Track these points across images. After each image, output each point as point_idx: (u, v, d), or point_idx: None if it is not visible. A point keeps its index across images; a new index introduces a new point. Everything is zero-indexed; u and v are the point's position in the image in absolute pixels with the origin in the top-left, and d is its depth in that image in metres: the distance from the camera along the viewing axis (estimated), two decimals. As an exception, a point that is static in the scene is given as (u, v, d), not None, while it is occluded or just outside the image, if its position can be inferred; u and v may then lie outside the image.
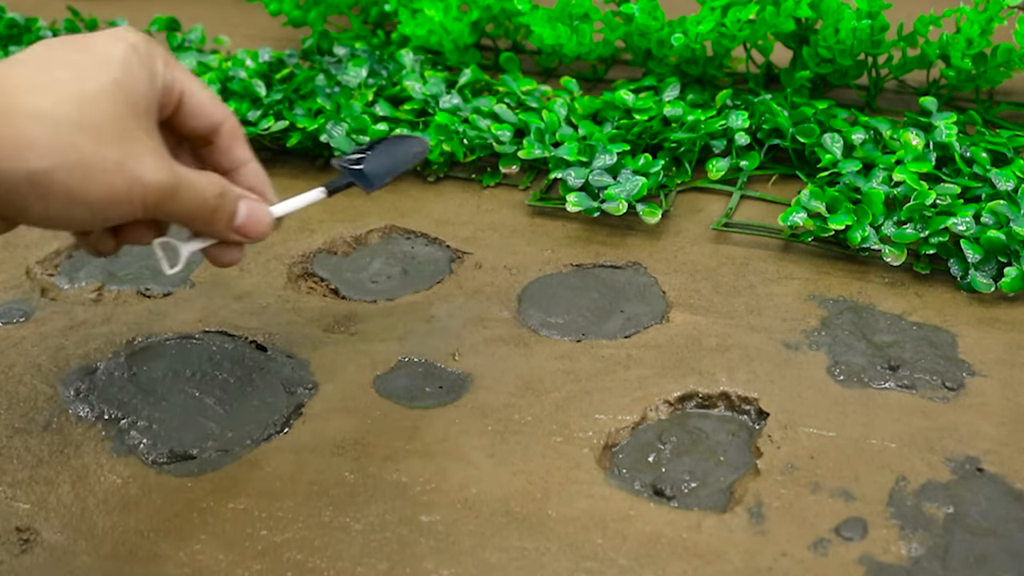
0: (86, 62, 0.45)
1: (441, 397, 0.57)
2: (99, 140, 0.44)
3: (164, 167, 0.46)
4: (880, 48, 0.79)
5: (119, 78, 0.45)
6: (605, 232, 0.70)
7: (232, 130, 0.52)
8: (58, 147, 0.42)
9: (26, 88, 0.43)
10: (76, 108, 0.43)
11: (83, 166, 0.43)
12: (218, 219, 0.49)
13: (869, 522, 0.48)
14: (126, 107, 0.45)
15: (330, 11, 0.96)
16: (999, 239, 0.61)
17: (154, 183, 0.45)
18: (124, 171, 0.44)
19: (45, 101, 0.43)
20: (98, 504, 0.51)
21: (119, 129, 0.44)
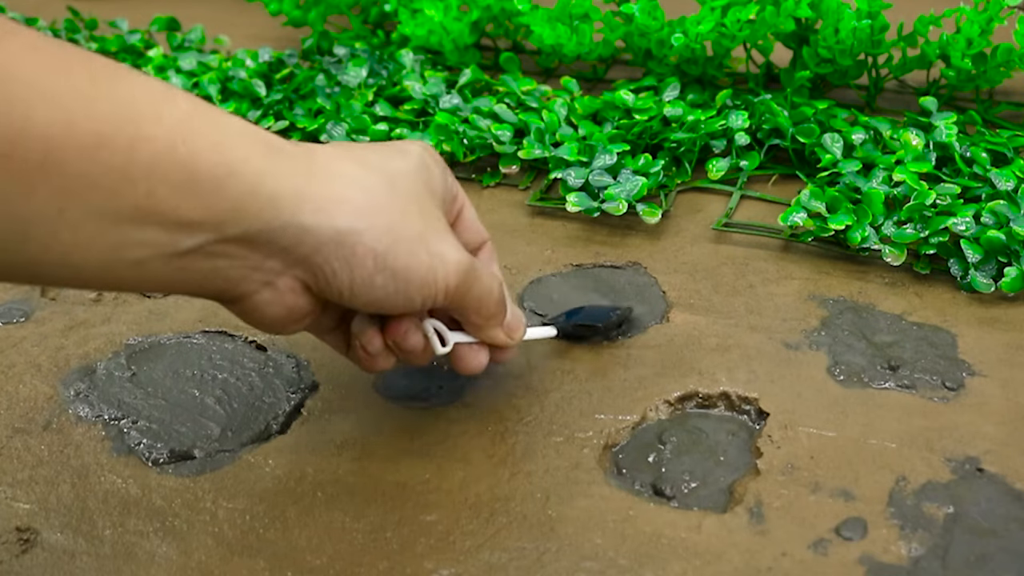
0: (388, 150, 0.47)
1: (441, 397, 0.57)
2: (405, 211, 0.44)
3: (463, 250, 0.46)
4: (880, 48, 0.79)
5: (420, 164, 0.47)
6: (605, 232, 0.70)
7: (491, 250, 0.54)
8: (369, 209, 0.43)
9: (339, 157, 0.44)
10: (386, 179, 0.44)
11: (390, 232, 0.43)
12: (498, 313, 0.50)
13: (869, 522, 0.48)
14: (425, 189, 0.46)
15: (330, 11, 0.96)
16: (999, 239, 0.61)
17: (456, 262, 0.45)
18: (429, 245, 0.44)
19: (358, 170, 0.44)
20: (98, 504, 0.51)
21: (422, 208, 0.45)
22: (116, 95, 0.37)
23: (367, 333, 0.49)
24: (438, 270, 0.45)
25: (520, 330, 0.53)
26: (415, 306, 0.46)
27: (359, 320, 0.49)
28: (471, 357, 0.51)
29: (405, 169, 0.46)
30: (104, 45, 0.93)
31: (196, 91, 0.82)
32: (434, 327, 0.49)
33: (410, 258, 0.44)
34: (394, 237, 0.43)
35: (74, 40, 0.96)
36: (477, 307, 0.48)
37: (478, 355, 0.51)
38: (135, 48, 0.94)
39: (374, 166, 0.45)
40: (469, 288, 0.47)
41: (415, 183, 0.46)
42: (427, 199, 0.46)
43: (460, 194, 0.51)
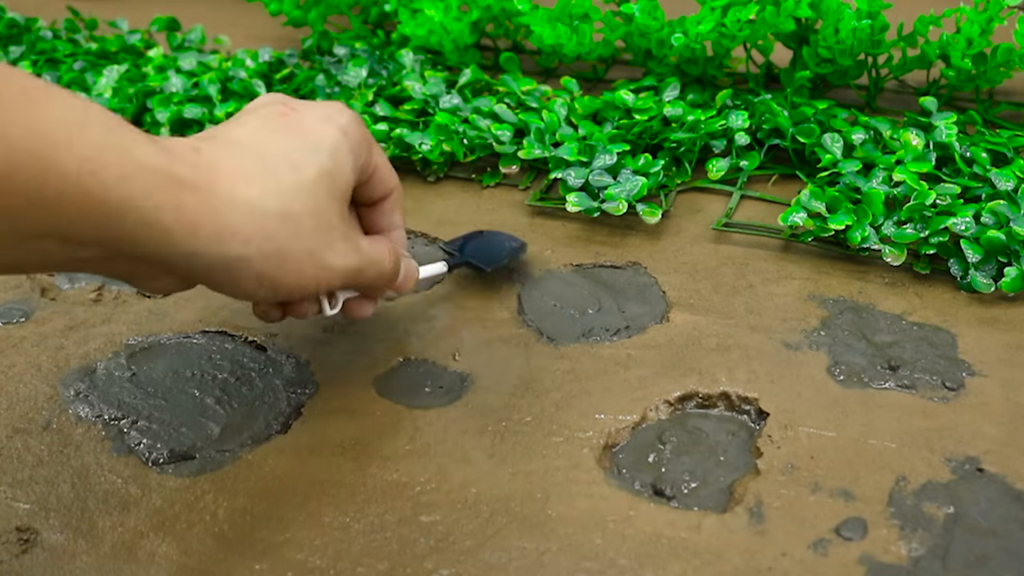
0: (298, 149, 0.48)
1: (441, 397, 0.57)
2: (298, 231, 0.46)
3: (352, 250, 0.50)
4: (880, 48, 0.79)
5: (326, 167, 0.48)
6: (605, 232, 0.70)
7: (398, 197, 0.56)
8: (258, 237, 0.45)
9: (239, 176, 0.45)
10: (281, 200, 0.46)
11: (278, 255, 0.46)
12: (388, 284, 0.54)
13: (869, 522, 0.48)
14: (328, 196, 0.48)
15: (330, 11, 0.96)
16: (999, 239, 0.61)
17: (341, 268, 0.49)
18: (316, 259, 0.47)
19: (254, 192, 0.45)
20: (98, 504, 0.51)
21: (317, 220, 0.47)
22: (30, 121, 0.38)
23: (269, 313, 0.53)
24: (321, 279, 0.48)
25: (410, 283, 0.56)
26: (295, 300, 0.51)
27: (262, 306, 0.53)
28: (358, 308, 0.55)
29: (309, 179, 0.47)
30: (104, 45, 0.93)
31: (196, 91, 0.83)
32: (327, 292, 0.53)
33: (295, 275, 0.47)
34: (281, 259, 0.46)
35: (74, 40, 0.96)
36: (368, 288, 0.53)
37: (365, 307, 0.55)
38: (135, 48, 0.94)
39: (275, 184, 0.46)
40: (356, 281, 0.51)
41: (315, 195, 0.47)
42: (326, 208, 0.48)
43: (373, 156, 0.53)
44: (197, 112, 0.79)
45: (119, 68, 0.87)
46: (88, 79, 0.86)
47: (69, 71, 0.88)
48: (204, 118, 0.79)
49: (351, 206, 0.54)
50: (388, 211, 0.55)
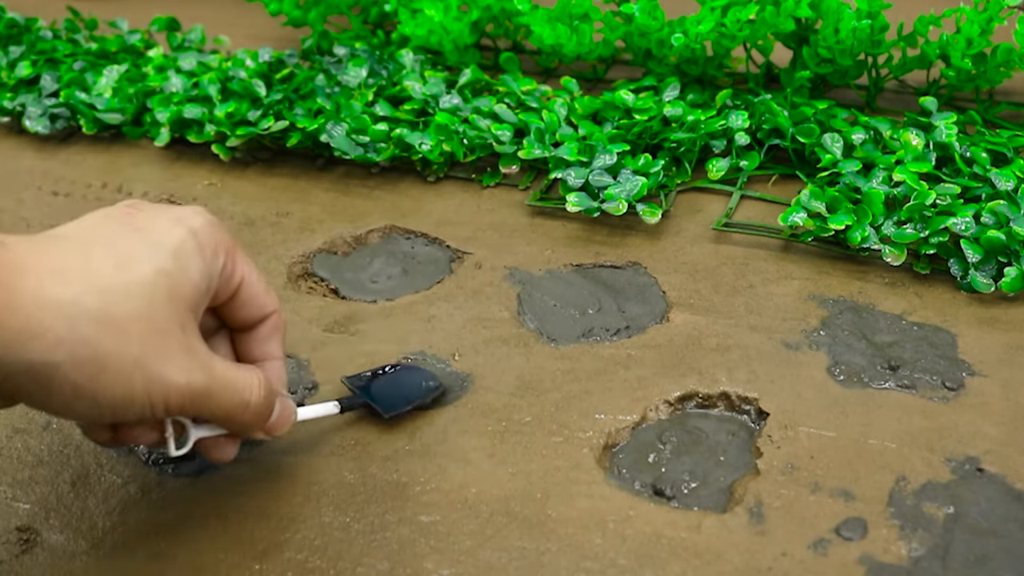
0: (133, 247, 0.43)
1: (441, 397, 0.57)
2: (120, 337, 0.41)
3: (196, 368, 0.43)
4: (880, 48, 0.79)
5: (165, 268, 0.43)
6: (605, 232, 0.70)
7: (276, 324, 0.50)
8: (69, 341, 0.39)
9: (52, 273, 0.40)
10: (102, 300, 0.40)
11: (94, 363, 0.40)
12: (258, 420, 0.47)
13: (869, 522, 0.48)
14: (164, 301, 0.42)
15: (330, 11, 0.96)
16: (999, 239, 0.61)
17: (179, 384, 0.42)
18: (144, 369, 0.41)
19: (68, 291, 0.40)
20: (98, 504, 0.51)
21: (148, 326, 0.41)
22: None
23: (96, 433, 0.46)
24: (154, 395, 0.42)
25: (283, 427, 0.49)
26: (129, 420, 0.43)
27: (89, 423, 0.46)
28: (217, 451, 0.48)
29: (141, 280, 0.42)
30: (104, 45, 0.93)
31: (196, 91, 0.82)
32: (175, 421, 0.46)
33: (119, 387, 0.41)
34: (100, 368, 0.40)
35: (74, 40, 0.96)
36: (225, 419, 0.46)
37: (225, 449, 0.48)
38: (135, 48, 0.94)
39: (96, 284, 0.41)
40: (204, 406, 0.44)
41: (147, 297, 0.42)
42: (160, 314, 0.42)
43: (239, 271, 0.47)
44: (197, 112, 0.79)
45: (119, 68, 0.87)
46: (88, 79, 0.86)
47: (69, 71, 0.88)
48: (204, 118, 0.79)
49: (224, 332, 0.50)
50: (263, 338, 0.49)
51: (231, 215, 0.74)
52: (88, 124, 0.83)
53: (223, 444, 0.48)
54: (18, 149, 0.84)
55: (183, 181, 0.79)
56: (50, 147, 0.84)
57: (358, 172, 0.78)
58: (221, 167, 0.79)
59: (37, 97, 0.86)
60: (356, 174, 0.78)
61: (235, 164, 0.80)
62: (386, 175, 0.78)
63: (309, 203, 0.74)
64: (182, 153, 0.82)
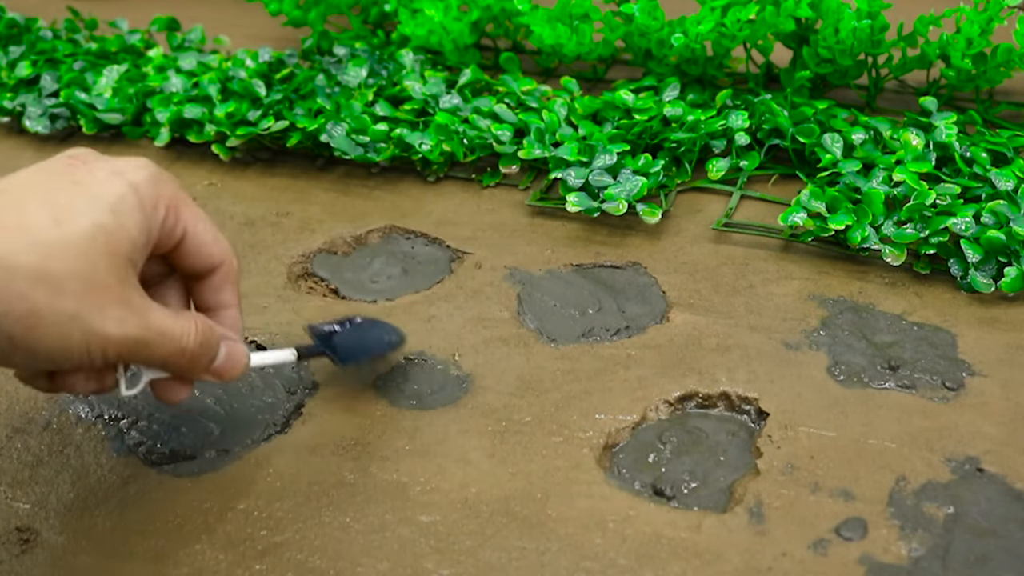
0: (71, 201, 0.43)
1: (441, 397, 0.57)
2: (57, 291, 0.41)
3: (132, 319, 0.43)
4: (880, 48, 0.79)
5: (102, 222, 0.43)
6: (605, 232, 0.70)
7: (228, 273, 0.50)
8: (6, 296, 0.40)
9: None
10: (38, 256, 0.41)
11: (31, 316, 0.41)
12: (196, 364, 0.47)
13: (869, 522, 0.48)
14: (101, 254, 0.43)
15: (330, 11, 0.96)
16: (999, 239, 0.61)
17: (116, 336, 0.43)
18: (81, 323, 0.42)
19: (6, 247, 0.41)
20: (98, 504, 0.51)
21: (85, 280, 0.42)
22: None
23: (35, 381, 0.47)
24: (92, 346, 0.42)
25: (232, 371, 0.49)
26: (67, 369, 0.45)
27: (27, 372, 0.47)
28: (169, 393, 0.49)
29: (78, 233, 0.42)
30: (104, 45, 0.93)
31: (196, 91, 0.82)
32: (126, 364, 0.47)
33: (56, 339, 0.42)
34: (36, 321, 0.41)
35: (74, 40, 0.96)
36: (165, 363, 0.46)
37: (177, 389, 0.49)
38: (135, 48, 0.94)
39: (32, 238, 0.41)
40: (141, 354, 0.44)
41: (84, 251, 0.42)
42: (97, 267, 0.42)
43: (181, 222, 0.47)
44: (197, 112, 0.79)
45: (119, 68, 0.87)
46: (88, 79, 0.86)
47: (69, 71, 0.88)
48: (204, 118, 0.79)
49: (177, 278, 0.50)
50: (216, 287, 0.50)
51: (231, 215, 0.74)
52: (88, 124, 0.83)
53: (175, 386, 0.49)
54: (18, 149, 0.84)
55: (183, 181, 0.78)
56: (50, 147, 0.84)
57: (358, 172, 0.78)
58: (221, 167, 0.79)
59: (37, 97, 0.86)
60: (356, 174, 0.78)
61: (235, 164, 0.80)
62: (386, 175, 0.78)
63: (309, 203, 0.74)
64: (182, 153, 0.82)
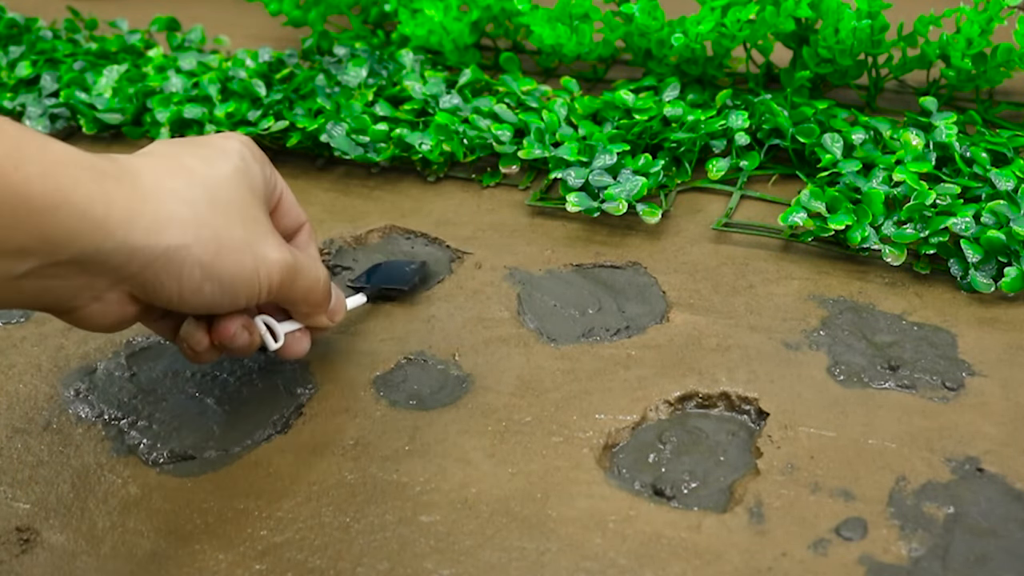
0: (208, 153, 0.48)
1: (441, 397, 0.57)
2: (228, 219, 0.46)
3: (285, 247, 0.49)
4: (880, 48, 0.79)
5: (240, 166, 0.48)
6: (605, 232, 0.70)
7: (310, 231, 0.56)
8: (193, 224, 0.44)
9: (161, 172, 0.45)
10: (207, 190, 0.46)
11: (216, 241, 0.45)
12: (324, 299, 0.53)
13: (869, 522, 0.48)
14: (247, 192, 0.48)
15: (330, 11, 0.96)
16: (999, 239, 0.61)
17: (279, 261, 0.48)
18: (253, 249, 0.47)
19: (179, 183, 0.45)
20: (98, 504, 0.51)
21: (244, 211, 0.47)
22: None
23: (195, 336, 0.50)
24: (261, 271, 0.47)
25: (342, 312, 0.56)
26: (240, 305, 0.48)
27: (188, 323, 0.51)
28: (296, 345, 0.54)
29: (226, 174, 0.47)
30: (104, 45, 0.93)
31: (196, 91, 0.83)
32: (265, 323, 0.52)
33: (236, 265, 0.46)
34: (219, 246, 0.45)
35: (74, 40, 0.96)
36: (304, 298, 0.51)
37: (302, 342, 0.54)
38: (135, 48, 0.94)
39: (197, 177, 0.46)
40: (293, 282, 0.50)
41: (237, 188, 0.47)
42: (249, 202, 0.48)
43: (279, 182, 0.53)
44: (197, 112, 0.79)
45: (119, 68, 0.87)
46: (88, 79, 0.86)
47: (69, 71, 0.88)
48: (204, 118, 0.79)
49: None
50: (303, 244, 0.55)
51: (231, 215, 0.74)
52: (88, 124, 0.83)
53: (300, 338, 0.54)
54: (18, 149, 0.84)
55: (183, 181, 0.78)
56: (50, 147, 0.84)
57: (358, 172, 0.78)
58: (221, 167, 0.79)
59: (37, 97, 0.86)
60: (356, 174, 0.78)
61: (235, 164, 0.80)
62: (386, 175, 0.78)
63: (309, 203, 0.74)
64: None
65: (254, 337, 0.51)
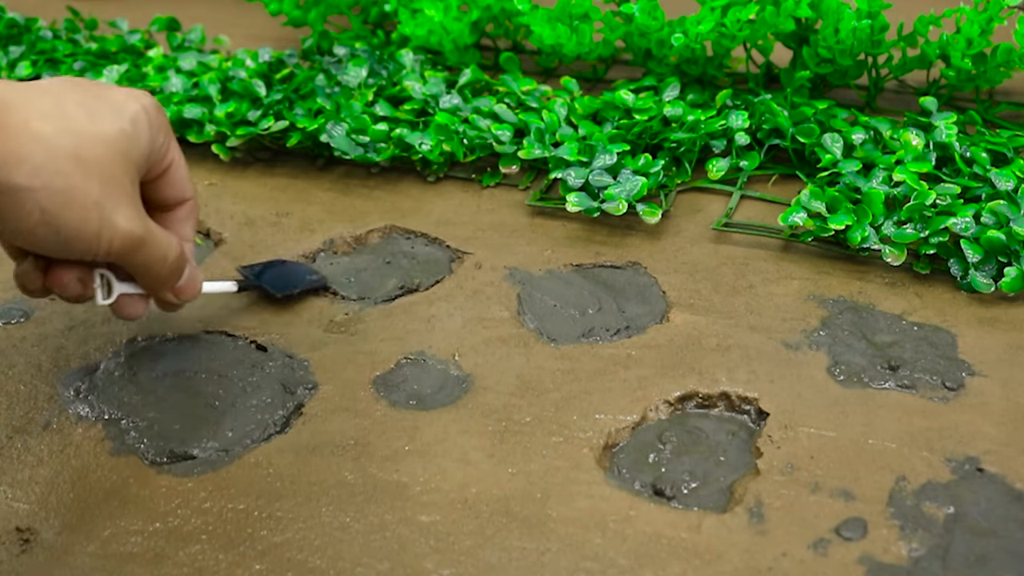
0: (100, 107, 0.49)
1: (441, 397, 0.57)
2: (87, 176, 0.46)
3: (137, 218, 0.49)
4: (880, 48, 0.79)
5: (125, 129, 0.49)
6: (605, 232, 0.70)
7: (192, 208, 0.57)
8: (48, 170, 0.45)
9: (34, 112, 0.46)
10: (74, 142, 0.46)
11: (64, 193, 0.46)
12: (169, 277, 0.53)
13: (869, 522, 0.48)
14: (121, 156, 0.48)
15: (330, 11, 0.96)
16: (999, 239, 0.61)
17: (125, 230, 0.48)
18: (101, 211, 0.47)
19: (48, 127, 0.46)
20: (98, 504, 0.51)
21: (108, 173, 0.47)
22: None
23: (30, 275, 0.52)
24: (104, 234, 0.48)
25: (191, 292, 0.55)
26: (74, 257, 0.49)
27: (28, 262, 0.51)
28: (130, 307, 0.54)
29: (104, 132, 0.48)
30: (104, 45, 0.93)
31: (196, 91, 0.82)
32: (103, 276, 0.53)
33: (79, 222, 0.46)
34: (67, 199, 0.46)
35: (74, 40, 0.96)
36: (146, 270, 0.52)
37: (137, 305, 0.54)
38: (135, 48, 0.94)
39: (72, 126, 0.47)
40: (136, 253, 0.50)
41: (109, 149, 0.48)
42: (118, 165, 0.48)
43: (171, 152, 0.54)
44: (197, 112, 0.79)
45: (119, 68, 0.87)
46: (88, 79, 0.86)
47: (69, 71, 0.88)
48: (204, 118, 0.79)
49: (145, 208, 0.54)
50: (180, 220, 0.56)
51: (231, 215, 0.74)
52: (88, 124, 0.83)
53: (136, 301, 0.54)
54: (18, 149, 0.84)
55: (183, 181, 0.78)
56: (50, 147, 0.84)
57: (358, 172, 0.78)
58: (221, 167, 0.79)
59: (37, 97, 0.86)
60: (356, 174, 0.78)
61: (235, 164, 0.80)
62: (386, 175, 0.78)
63: (309, 203, 0.74)
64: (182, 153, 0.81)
65: (87, 291, 0.52)
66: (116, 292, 0.53)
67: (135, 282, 0.53)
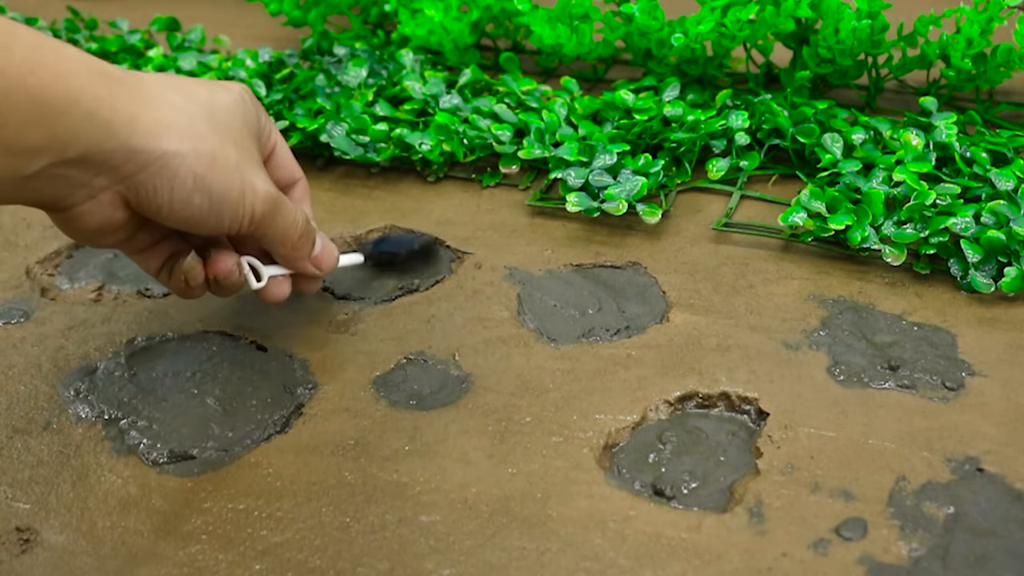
0: (212, 84, 0.51)
1: (441, 397, 0.57)
2: (224, 141, 0.48)
3: (271, 184, 0.52)
4: (880, 48, 0.79)
5: (238, 102, 0.51)
6: (605, 232, 0.70)
7: (305, 188, 0.59)
8: (191, 135, 0.47)
9: (167, 87, 0.48)
10: (207, 110, 0.48)
11: (210, 156, 0.47)
12: (303, 244, 0.55)
13: (869, 522, 0.48)
14: (244, 124, 0.51)
15: (330, 11, 0.96)
16: (999, 239, 0.61)
17: (264, 191, 0.50)
18: (241, 173, 0.49)
19: (183, 98, 0.48)
20: (98, 504, 0.51)
21: (239, 138, 0.50)
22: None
23: (195, 269, 0.54)
24: (247, 196, 0.49)
25: (329, 262, 0.57)
26: (224, 228, 0.50)
27: (191, 257, 0.54)
28: (277, 289, 0.56)
29: (226, 103, 0.50)
30: (104, 45, 0.93)
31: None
32: (249, 263, 0.55)
33: (225, 182, 0.48)
34: (213, 161, 0.47)
35: (74, 40, 0.96)
36: (283, 237, 0.53)
37: (283, 286, 0.56)
38: (135, 48, 0.94)
39: (198, 98, 0.48)
40: (274, 217, 0.52)
41: (234, 117, 0.50)
42: (244, 133, 0.50)
43: (274, 133, 0.56)
44: (197, 112, 0.79)
45: (119, 68, 0.87)
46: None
47: (69, 71, 0.87)
48: (204, 118, 0.79)
49: None
50: (298, 200, 0.58)
51: (231, 215, 0.74)
52: (88, 124, 0.83)
53: (282, 282, 0.56)
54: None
55: (183, 181, 0.78)
56: (50, 147, 0.84)
57: (358, 172, 0.78)
58: (221, 167, 0.79)
59: (37, 97, 0.86)
60: (356, 174, 0.78)
61: (235, 164, 0.80)
62: (386, 175, 0.78)
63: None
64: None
65: (242, 278, 0.54)
66: (266, 276, 0.55)
67: (277, 264, 0.56)
